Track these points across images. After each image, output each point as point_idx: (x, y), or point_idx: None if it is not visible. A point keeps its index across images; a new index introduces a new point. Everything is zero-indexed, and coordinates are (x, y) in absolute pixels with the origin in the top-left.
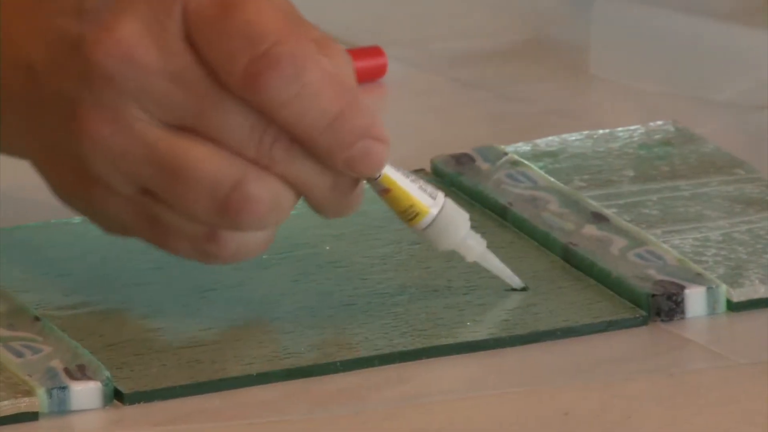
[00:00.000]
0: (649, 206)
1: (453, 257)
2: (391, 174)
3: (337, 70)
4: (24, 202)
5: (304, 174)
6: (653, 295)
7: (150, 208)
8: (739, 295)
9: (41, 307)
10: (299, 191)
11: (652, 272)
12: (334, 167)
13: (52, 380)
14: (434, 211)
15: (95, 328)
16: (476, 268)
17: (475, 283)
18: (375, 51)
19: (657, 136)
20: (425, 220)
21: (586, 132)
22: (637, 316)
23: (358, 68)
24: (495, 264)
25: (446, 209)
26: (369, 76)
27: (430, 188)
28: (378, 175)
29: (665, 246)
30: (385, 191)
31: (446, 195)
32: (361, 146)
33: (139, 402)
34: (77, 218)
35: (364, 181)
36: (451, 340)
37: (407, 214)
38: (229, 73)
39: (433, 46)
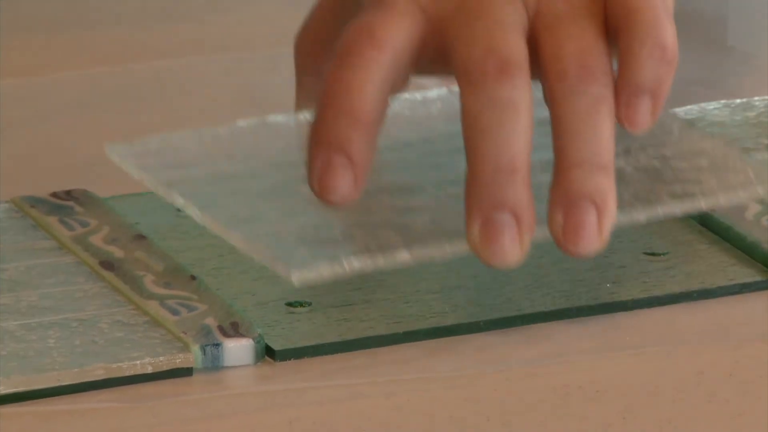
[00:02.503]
0: None
1: None
2: None
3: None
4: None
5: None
6: None
7: None
8: None
9: (197, 266)
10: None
11: None
12: None
13: (206, 337)
14: None
15: (248, 287)
16: (617, 233)
17: (616, 246)
18: None
19: None
20: None
21: (723, 101)
22: None
23: None
24: None
25: None
26: None
27: None
28: None
29: None
30: None
31: None
32: None
33: (289, 359)
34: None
35: None
36: (591, 301)
37: None
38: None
39: None
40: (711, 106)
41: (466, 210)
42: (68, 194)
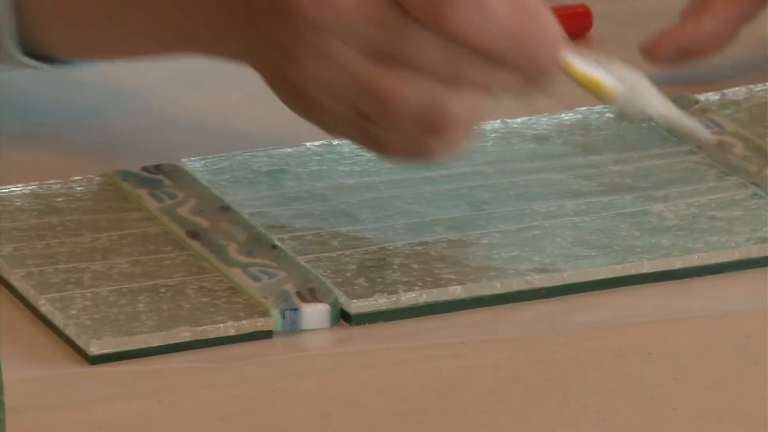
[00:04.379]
0: None
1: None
2: (576, 65)
3: None
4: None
5: (494, 78)
6: None
7: (362, 124)
8: None
9: (277, 232)
10: (493, 91)
11: None
12: (521, 75)
13: (286, 302)
14: (620, 90)
15: (326, 254)
16: (670, 208)
17: (666, 219)
18: (581, 8)
19: None
20: (615, 100)
21: None
22: None
23: (564, 25)
24: (686, 122)
25: (631, 87)
26: (574, 32)
27: (616, 68)
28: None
29: None
30: (572, 77)
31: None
32: (545, 59)
33: (363, 323)
34: (317, 142)
35: None
36: (644, 270)
37: (598, 96)
38: (418, 10)
39: (635, 3)
40: (758, 87)
41: None
42: (158, 168)
